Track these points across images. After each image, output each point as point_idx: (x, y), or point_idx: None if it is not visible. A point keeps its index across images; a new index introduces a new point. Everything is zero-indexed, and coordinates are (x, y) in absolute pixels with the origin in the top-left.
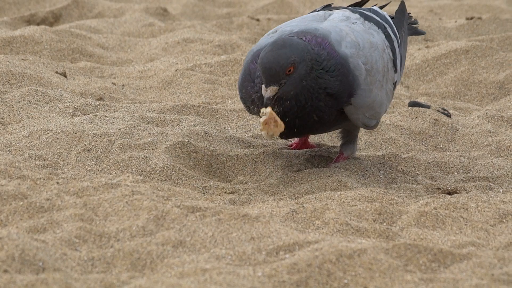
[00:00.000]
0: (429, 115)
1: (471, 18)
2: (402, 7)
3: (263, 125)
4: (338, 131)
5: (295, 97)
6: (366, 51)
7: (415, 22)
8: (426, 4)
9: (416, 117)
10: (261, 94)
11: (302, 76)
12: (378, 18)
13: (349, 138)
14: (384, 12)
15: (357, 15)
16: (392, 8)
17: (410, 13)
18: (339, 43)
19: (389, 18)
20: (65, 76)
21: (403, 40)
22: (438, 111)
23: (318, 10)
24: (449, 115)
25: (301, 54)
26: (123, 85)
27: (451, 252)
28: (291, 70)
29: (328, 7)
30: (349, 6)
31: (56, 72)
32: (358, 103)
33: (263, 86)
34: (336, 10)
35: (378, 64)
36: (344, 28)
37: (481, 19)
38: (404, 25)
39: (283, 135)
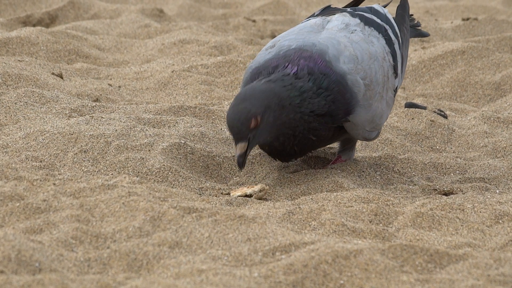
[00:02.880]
0: (425, 116)
1: (467, 19)
2: (403, 2)
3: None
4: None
5: (280, 136)
6: (365, 64)
7: (418, 25)
8: (422, 5)
9: (413, 118)
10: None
11: (272, 122)
12: (378, 20)
13: (348, 146)
14: (385, 10)
15: (357, 20)
16: (392, 7)
17: (412, 14)
18: (337, 59)
19: (390, 17)
20: (62, 77)
21: (405, 37)
22: (434, 112)
23: (317, 14)
24: (445, 116)
25: (264, 103)
26: (120, 86)
27: (447, 253)
28: (256, 123)
29: (327, 9)
30: (347, 5)
31: (53, 73)
32: (358, 120)
33: (234, 143)
34: (335, 16)
35: (377, 76)
36: (342, 39)
37: (477, 20)
38: (406, 21)
39: (288, 160)
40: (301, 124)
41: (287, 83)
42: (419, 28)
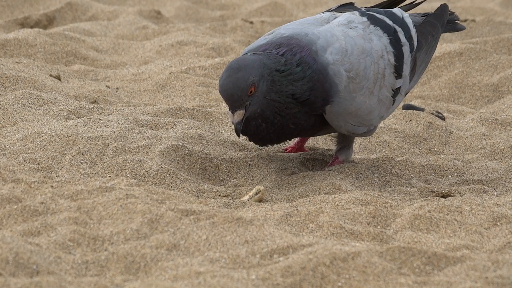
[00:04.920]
0: (423, 118)
1: (465, 21)
2: (440, 10)
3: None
4: (333, 135)
5: (261, 115)
6: (353, 58)
7: (455, 19)
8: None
9: (410, 120)
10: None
11: (265, 92)
12: (390, 22)
13: (345, 144)
14: (405, 14)
15: (364, 19)
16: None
17: (450, 9)
18: (324, 49)
19: (408, 21)
20: (59, 79)
21: (428, 43)
22: (432, 114)
23: (333, 10)
24: (443, 118)
25: (258, 71)
26: (117, 88)
27: (445, 255)
28: (253, 90)
29: (345, 6)
30: (377, 5)
31: (50, 75)
32: (336, 110)
33: (230, 112)
34: (344, 13)
35: (367, 71)
36: (337, 33)
37: (475, 22)
38: (436, 29)
39: (264, 144)
40: (281, 111)
41: (271, 57)
42: (457, 22)
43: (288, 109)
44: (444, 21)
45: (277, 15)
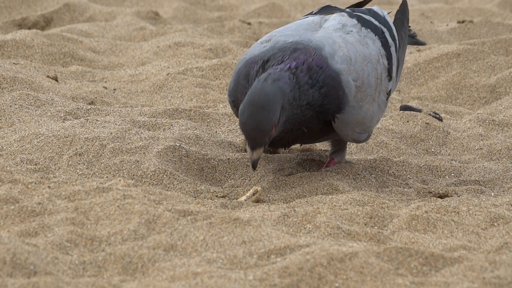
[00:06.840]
0: (420, 119)
1: (463, 22)
2: (403, 6)
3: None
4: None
5: (283, 131)
6: (358, 66)
7: (414, 35)
8: (417, 7)
9: (408, 121)
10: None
11: (284, 121)
12: (376, 23)
13: (339, 147)
14: (384, 12)
15: (354, 21)
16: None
17: (410, 26)
18: (332, 57)
19: (389, 20)
20: (57, 80)
21: (403, 41)
22: (430, 114)
23: (315, 13)
24: (440, 119)
25: (279, 106)
26: (115, 89)
27: (442, 256)
28: (274, 128)
29: (326, 8)
30: (349, 7)
31: (48, 76)
32: (346, 119)
33: (249, 148)
34: (333, 15)
35: (370, 78)
36: (337, 39)
37: (473, 23)
38: (405, 26)
39: (276, 147)
40: (300, 117)
41: (288, 80)
42: (416, 37)
43: (304, 115)
44: (407, 17)
45: (275, 16)
